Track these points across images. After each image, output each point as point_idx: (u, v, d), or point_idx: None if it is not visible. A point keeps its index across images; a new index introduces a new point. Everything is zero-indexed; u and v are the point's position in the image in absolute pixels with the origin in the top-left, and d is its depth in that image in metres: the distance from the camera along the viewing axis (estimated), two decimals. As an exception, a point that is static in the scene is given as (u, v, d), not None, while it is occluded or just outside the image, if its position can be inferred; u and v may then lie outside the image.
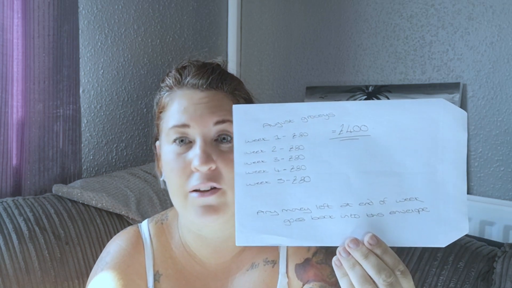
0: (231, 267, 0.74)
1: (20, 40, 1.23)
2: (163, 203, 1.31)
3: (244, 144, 0.56)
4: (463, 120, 0.54)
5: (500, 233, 1.27)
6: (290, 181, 0.56)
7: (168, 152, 0.69)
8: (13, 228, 1.02)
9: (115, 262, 0.73)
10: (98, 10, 1.51)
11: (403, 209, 0.55)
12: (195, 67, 0.73)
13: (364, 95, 1.57)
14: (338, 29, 1.68)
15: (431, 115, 0.54)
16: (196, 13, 1.83)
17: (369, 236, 0.54)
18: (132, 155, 1.64)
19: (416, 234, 0.55)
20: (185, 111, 0.69)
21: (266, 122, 0.56)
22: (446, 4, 1.42)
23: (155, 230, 0.78)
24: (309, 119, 0.55)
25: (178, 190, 0.68)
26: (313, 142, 0.55)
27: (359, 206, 0.55)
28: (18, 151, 1.26)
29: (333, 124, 0.55)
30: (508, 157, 1.32)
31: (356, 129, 0.55)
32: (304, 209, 0.56)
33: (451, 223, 0.54)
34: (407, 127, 0.54)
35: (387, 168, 0.55)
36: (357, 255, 0.53)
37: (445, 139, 0.54)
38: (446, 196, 0.54)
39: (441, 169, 0.54)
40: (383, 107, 0.55)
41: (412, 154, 0.55)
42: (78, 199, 1.18)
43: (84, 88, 1.49)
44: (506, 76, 1.32)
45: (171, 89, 0.73)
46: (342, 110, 0.55)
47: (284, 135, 0.56)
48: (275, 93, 1.87)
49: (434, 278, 1.07)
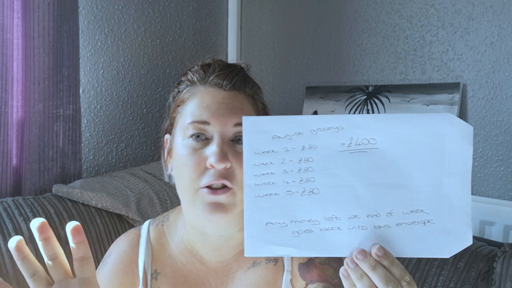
0: (232, 265, 0.75)
1: (20, 40, 1.23)
2: (163, 203, 1.31)
3: (254, 155, 0.57)
4: (469, 134, 0.55)
5: (500, 233, 1.27)
6: (299, 193, 0.56)
7: (183, 146, 0.69)
8: (13, 228, 1.02)
9: (114, 262, 0.76)
10: (98, 10, 1.51)
11: (410, 221, 0.56)
12: (219, 66, 0.73)
13: (364, 95, 1.57)
14: (338, 29, 1.68)
15: (437, 129, 0.55)
16: (196, 13, 1.83)
17: (376, 247, 0.55)
18: (132, 155, 1.64)
19: (422, 245, 0.56)
20: (207, 108, 0.69)
21: (276, 134, 0.57)
22: (446, 4, 1.42)
23: (155, 232, 0.79)
24: (319, 131, 0.56)
25: (189, 185, 0.68)
26: (322, 155, 0.56)
27: (367, 218, 0.56)
28: (18, 151, 1.26)
29: (342, 136, 0.56)
30: (508, 157, 1.32)
31: (365, 142, 0.56)
32: (312, 220, 0.56)
33: (455, 234, 0.56)
34: (415, 141, 0.55)
35: (394, 180, 0.56)
36: (365, 266, 0.54)
37: (451, 153, 0.55)
38: (451, 208, 0.56)
39: (447, 182, 0.56)
40: (392, 121, 0.56)
41: (419, 167, 0.56)
42: (78, 199, 1.18)
43: (84, 88, 1.49)
44: (506, 76, 1.32)
45: (193, 84, 0.73)
46: (351, 123, 0.56)
47: (294, 147, 0.56)
48: (275, 93, 1.87)
49: (434, 278, 1.07)
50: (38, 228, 0.54)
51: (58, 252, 0.55)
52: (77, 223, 0.57)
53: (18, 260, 0.54)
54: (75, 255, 0.55)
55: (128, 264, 0.76)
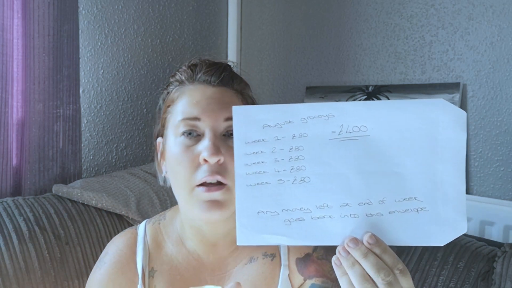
0: (229, 262, 0.75)
1: (20, 40, 1.23)
2: (163, 203, 1.31)
3: (244, 145, 0.56)
4: (463, 120, 0.54)
5: (500, 233, 1.27)
6: (290, 182, 0.56)
7: (175, 145, 0.70)
8: (13, 228, 1.02)
9: (112, 261, 0.76)
10: (98, 10, 1.51)
11: (402, 209, 0.55)
12: (206, 64, 0.74)
13: (364, 95, 1.57)
14: (338, 29, 1.68)
15: (430, 115, 0.54)
16: (196, 13, 1.83)
17: (368, 235, 0.54)
18: (132, 155, 1.64)
19: (415, 233, 0.55)
20: (197, 104, 0.70)
21: (266, 123, 0.56)
22: (446, 4, 1.42)
23: (152, 230, 0.80)
24: (309, 119, 0.56)
25: (184, 183, 0.68)
26: (313, 143, 0.56)
27: (359, 206, 0.55)
28: (18, 151, 1.26)
29: (333, 124, 0.55)
30: (508, 157, 1.32)
31: (356, 129, 0.55)
32: (304, 209, 0.56)
33: (449, 222, 0.55)
34: (407, 127, 0.55)
35: (386, 168, 0.55)
36: (357, 254, 0.54)
37: (444, 139, 0.54)
38: (445, 196, 0.55)
39: (441, 169, 0.55)
40: (383, 108, 0.55)
41: (412, 154, 0.55)
42: (78, 199, 1.18)
43: (84, 88, 1.49)
44: (506, 76, 1.32)
45: (182, 83, 0.74)
46: (342, 111, 0.55)
47: (284, 136, 0.56)
48: (275, 93, 1.87)
49: (434, 278, 1.07)
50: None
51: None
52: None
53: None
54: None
55: (127, 263, 0.76)
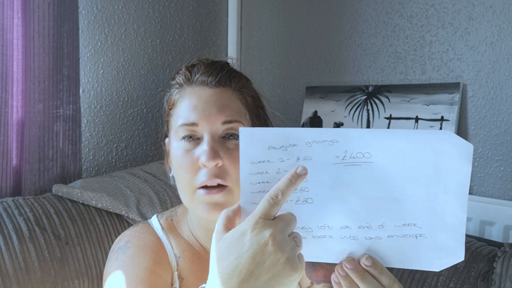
0: None
1: (20, 40, 1.23)
2: (163, 203, 1.31)
3: (250, 164, 0.57)
4: (469, 152, 0.56)
5: (500, 233, 1.27)
6: (294, 202, 0.57)
7: (177, 149, 0.72)
8: (13, 228, 1.02)
9: (138, 245, 0.74)
10: (98, 10, 1.51)
11: (401, 234, 0.56)
12: (204, 64, 0.75)
13: (364, 95, 1.57)
14: (338, 29, 1.68)
15: (436, 146, 0.55)
16: (196, 13, 1.83)
17: (365, 257, 0.56)
18: (132, 155, 1.64)
19: (412, 258, 0.57)
20: (194, 109, 0.71)
21: (271, 144, 0.57)
22: (446, 4, 1.42)
23: (166, 224, 0.80)
24: (313, 143, 0.56)
25: (186, 186, 0.70)
26: (317, 166, 0.56)
27: (358, 229, 0.57)
28: (18, 151, 1.26)
29: (337, 149, 0.56)
30: (508, 157, 1.32)
31: (360, 155, 0.56)
32: (306, 228, 0.57)
33: (447, 250, 0.56)
34: (411, 156, 0.55)
35: (388, 194, 0.56)
36: (354, 275, 0.56)
37: (449, 170, 0.55)
38: (444, 225, 0.56)
39: (443, 198, 0.55)
40: (388, 136, 0.55)
41: (414, 182, 0.56)
42: (78, 199, 1.18)
43: (84, 88, 1.49)
44: (506, 76, 1.32)
45: (181, 86, 0.75)
46: (346, 137, 0.56)
47: (289, 158, 0.57)
48: (275, 93, 1.87)
49: (434, 278, 1.07)
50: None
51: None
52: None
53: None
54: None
55: (156, 249, 0.75)
